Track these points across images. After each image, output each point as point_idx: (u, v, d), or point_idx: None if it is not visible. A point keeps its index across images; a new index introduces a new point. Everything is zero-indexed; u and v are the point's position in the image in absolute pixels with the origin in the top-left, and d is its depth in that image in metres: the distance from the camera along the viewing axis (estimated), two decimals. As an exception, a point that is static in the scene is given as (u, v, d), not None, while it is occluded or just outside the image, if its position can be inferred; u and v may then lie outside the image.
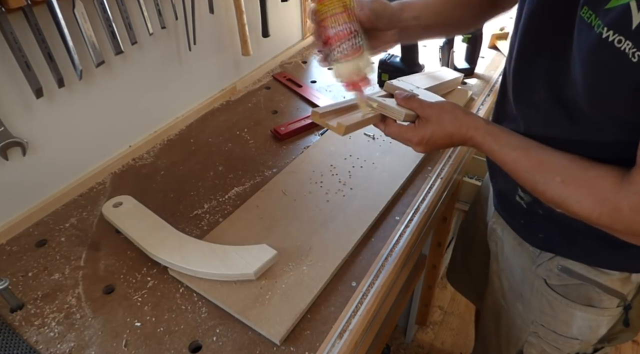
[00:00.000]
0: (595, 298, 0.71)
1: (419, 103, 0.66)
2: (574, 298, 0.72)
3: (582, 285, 0.71)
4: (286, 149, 1.01)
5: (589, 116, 0.55)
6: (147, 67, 0.97)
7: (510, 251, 0.81)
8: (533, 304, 0.79)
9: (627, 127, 0.51)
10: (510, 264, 0.82)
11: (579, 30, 0.50)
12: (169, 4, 0.95)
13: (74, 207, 0.87)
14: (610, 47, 0.45)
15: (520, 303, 0.82)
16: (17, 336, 0.65)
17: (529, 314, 0.81)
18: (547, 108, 0.60)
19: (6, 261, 0.76)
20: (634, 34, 0.44)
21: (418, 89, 0.82)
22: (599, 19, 0.47)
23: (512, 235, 0.79)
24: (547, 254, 0.73)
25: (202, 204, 0.86)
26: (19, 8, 0.68)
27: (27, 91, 0.75)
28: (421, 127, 0.65)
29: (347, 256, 0.74)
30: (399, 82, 0.84)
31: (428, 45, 1.42)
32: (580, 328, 0.75)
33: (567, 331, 0.76)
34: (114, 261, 0.76)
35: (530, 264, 0.76)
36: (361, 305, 0.68)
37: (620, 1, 0.44)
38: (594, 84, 0.51)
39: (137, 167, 0.97)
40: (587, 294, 0.71)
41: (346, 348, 0.62)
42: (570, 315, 0.74)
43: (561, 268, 0.71)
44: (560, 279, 0.72)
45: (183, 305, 0.68)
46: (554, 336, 0.78)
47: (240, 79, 1.24)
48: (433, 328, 1.69)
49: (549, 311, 0.76)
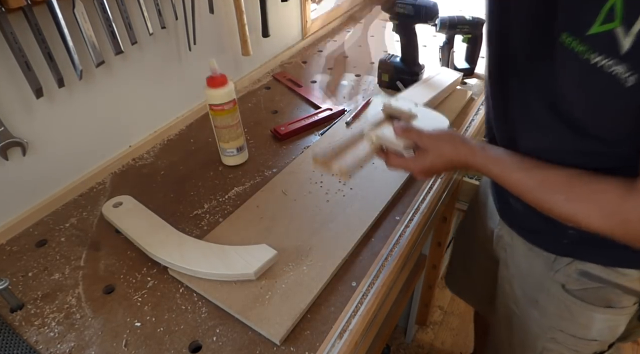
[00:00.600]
0: (614, 299, 0.70)
1: (417, 134, 0.69)
2: (593, 301, 0.72)
3: (602, 288, 0.70)
4: (286, 149, 1.01)
5: (590, 131, 0.55)
6: (147, 67, 0.97)
7: (522, 257, 0.80)
8: (549, 310, 0.78)
9: (629, 140, 0.51)
10: (522, 271, 0.81)
11: (564, 57, 0.51)
12: (169, 4, 0.95)
13: (74, 207, 0.87)
14: (602, 73, 0.46)
15: (535, 309, 0.80)
16: (17, 336, 0.65)
17: (545, 320, 0.80)
18: (544, 124, 0.61)
19: (6, 261, 0.76)
20: (624, 58, 0.44)
21: (417, 106, 0.84)
22: (584, 44, 0.47)
23: (522, 241, 0.79)
24: (564, 259, 0.72)
25: (202, 204, 0.86)
26: (19, 8, 0.68)
27: (27, 91, 0.75)
28: (420, 158, 0.68)
29: (347, 256, 0.74)
30: (397, 101, 0.85)
31: (428, 45, 1.42)
32: (600, 329, 0.74)
33: (587, 334, 0.76)
34: (114, 261, 0.76)
35: (546, 270, 0.75)
36: (361, 305, 0.68)
37: (604, 27, 0.45)
38: (591, 108, 0.51)
39: (137, 167, 0.97)
40: (607, 296, 0.71)
41: (346, 348, 0.62)
42: (589, 318, 0.74)
43: (580, 272, 0.71)
44: (580, 283, 0.72)
45: (183, 305, 0.68)
46: (574, 340, 0.77)
47: (240, 79, 1.24)
48: (433, 328, 1.69)
49: (568, 315, 0.75)
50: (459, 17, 1.15)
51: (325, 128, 1.06)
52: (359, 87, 1.23)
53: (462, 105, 1.10)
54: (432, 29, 1.15)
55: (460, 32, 1.17)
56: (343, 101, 1.16)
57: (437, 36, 1.40)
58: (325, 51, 1.44)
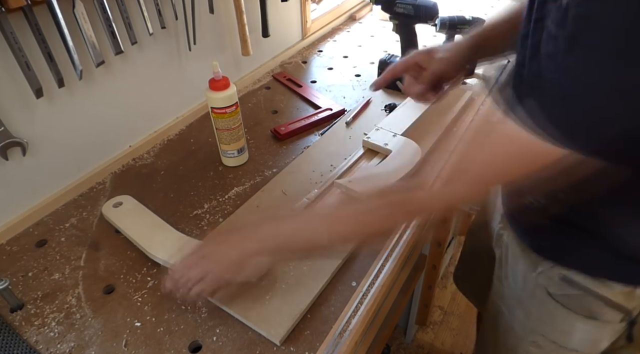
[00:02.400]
0: (597, 310, 0.69)
1: (192, 254, 0.63)
2: (575, 309, 0.70)
3: (584, 296, 0.68)
4: (286, 149, 1.01)
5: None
6: (147, 67, 0.97)
7: (513, 257, 0.80)
8: (533, 312, 0.77)
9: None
10: (513, 270, 0.81)
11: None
12: (169, 4, 0.95)
13: (74, 207, 0.87)
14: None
15: (520, 310, 0.80)
16: (17, 336, 0.65)
17: (528, 323, 0.79)
18: None
19: (6, 261, 0.76)
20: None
21: (395, 136, 0.87)
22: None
23: (517, 241, 0.79)
24: (548, 262, 0.71)
25: (202, 204, 0.86)
26: (19, 8, 0.68)
27: (27, 91, 0.75)
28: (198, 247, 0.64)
29: (347, 256, 0.74)
30: (377, 131, 0.88)
31: (428, 45, 1.41)
32: (581, 340, 0.73)
33: (568, 342, 0.74)
34: (114, 261, 0.76)
35: (531, 271, 0.74)
36: (361, 305, 0.68)
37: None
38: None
39: (137, 167, 0.97)
40: (589, 306, 0.69)
41: (346, 348, 0.62)
42: (570, 326, 0.72)
43: (562, 277, 0.69)
44: (561, 288, 0.70)
45: (183, 305, 0.68)
46: (554, 347, 0.76)
47: (240, 79, 1.24)
48: (433, 328, 1.69)
49: (550, 320, 0.74)
50: (459, 17, 1.15)
51: (325, 128, 1.06)
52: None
53: (462, 105, 1.10)
54: (432, 29, 1.16)
55: (460, 32, 1.17)
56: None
57: (437, 36, 1.40)
58: (326, 51, 1.44)
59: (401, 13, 1.06)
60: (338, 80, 1.27)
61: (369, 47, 1.45)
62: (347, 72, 1.31)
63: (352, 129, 1.05)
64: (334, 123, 1.07)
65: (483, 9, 1.67)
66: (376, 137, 0.93)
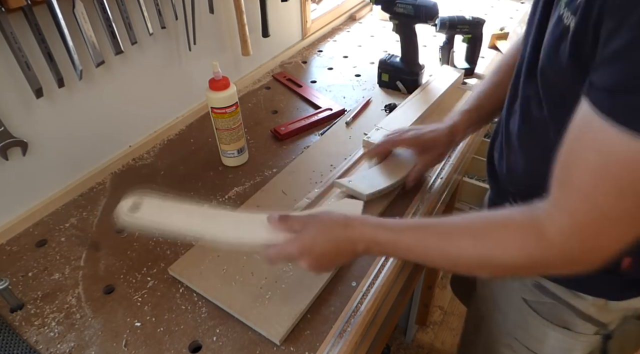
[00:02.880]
0: (570, 321, 0.68)
1: (295, 219, 0.61)
2: (548, 317, 0.70)
3: (557, 305, 0.68)
4: (286, 149, 1.01)
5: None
6: (147, 67, 0.97)
7: None
8: (510, 316, 0.77)
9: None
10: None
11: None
12: (169, 4, 0.95)
13: (74, 207, 0.87)
14: (561, 21, 0.46)
15: (498, 313, 0.80)
16: (17, 336, 0.65)
17: (505, 326, 0.79)
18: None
19: (6, 261, 0.76)
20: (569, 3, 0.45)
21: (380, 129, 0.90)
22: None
23: None
24: None
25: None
26: (19, 8, 0.68)
27: (27, 90, 0.75)
28: (300, 236, 0.59)
29: (347, 256, 0.74)
30: (378, 130, 0.88)
31: (428, 45, 1.42)
32: (554, 348, 0.73)
33: (540, 349, 0.74)
34: (114, 261, 0.76)
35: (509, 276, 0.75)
36: (361, 305, 0.68)
37: None
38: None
39: (137, 167, 0.97)
40: (561, 315, 0.69)
41: (346, 348, 0.62)
42: (543, 333, 0.72)
43: (535, 284, 0.70)
44: (535, 295, 0.70)
45: (183, 305, 0.68)
46: (527, 352, 0.77)
47: (240, 79, 1.24)
48: (433, 328, 1.69)
49: (524, 326, 0.75)
50: (459, 17, 1.15)
51: (325, 128, 1.06)
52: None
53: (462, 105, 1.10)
54: (432, 29, 1.15)
55: (460, 32, 1.17)
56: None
57: (437, 36, 1.40)
58: (326, 51, 1.44)
59: (401, 13, 1.06)
60: (338, 80, 1.27)
61: (369, 47, 1.45)
62: (347, 72, 1.31)
63: (352, 129, 1.05)
64: (334, 123, 1.07)
65: (483, 9, 1.67)
66: (376, 137, 0.93)
